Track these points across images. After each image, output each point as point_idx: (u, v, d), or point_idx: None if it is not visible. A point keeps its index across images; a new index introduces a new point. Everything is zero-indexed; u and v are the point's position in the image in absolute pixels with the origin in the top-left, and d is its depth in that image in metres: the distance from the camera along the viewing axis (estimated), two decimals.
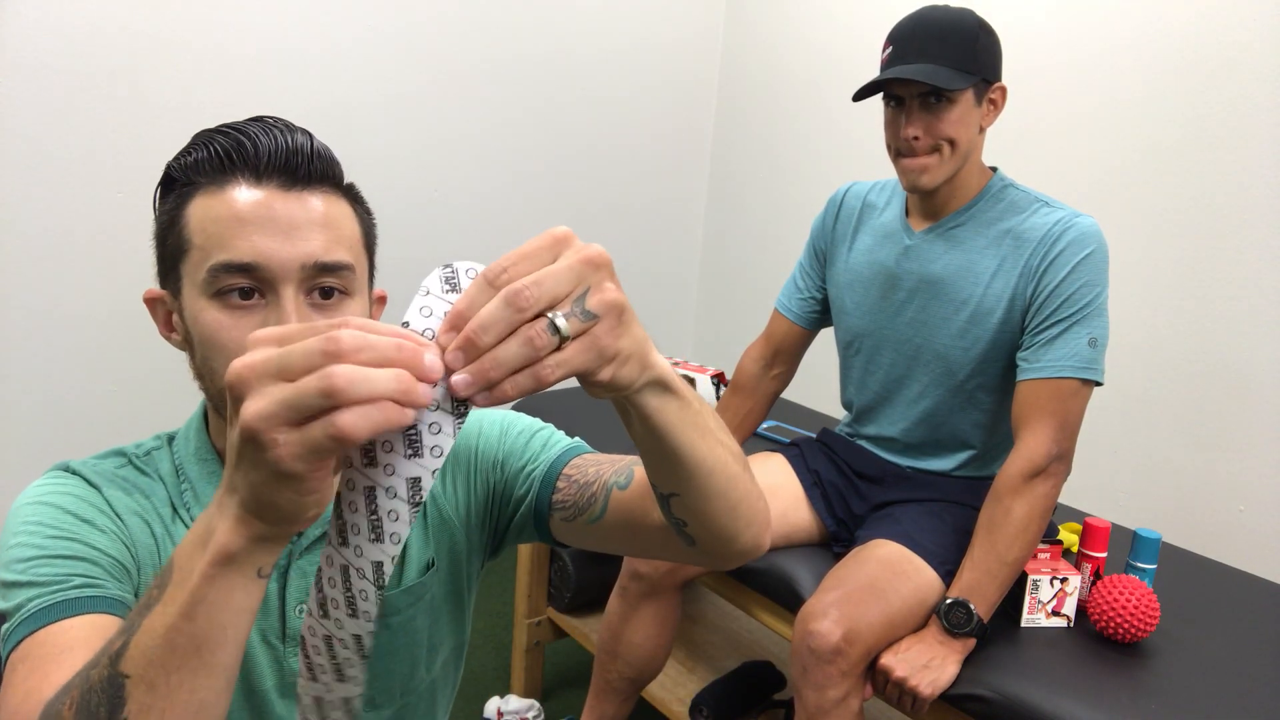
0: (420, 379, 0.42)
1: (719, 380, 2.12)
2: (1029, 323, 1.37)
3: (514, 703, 2.01)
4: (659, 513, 0.67)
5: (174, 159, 0.69)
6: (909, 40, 1.33)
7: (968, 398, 1.45)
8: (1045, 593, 1.32)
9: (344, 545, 0.47)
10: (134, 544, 0.69)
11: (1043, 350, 1.34)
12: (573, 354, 0.45)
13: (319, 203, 0.67)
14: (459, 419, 0.45)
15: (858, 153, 2.66)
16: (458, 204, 2.69)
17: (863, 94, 1.38)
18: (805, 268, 1.67)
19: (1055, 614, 1.33)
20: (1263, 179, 1.82)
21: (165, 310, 0.72)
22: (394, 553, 0.47)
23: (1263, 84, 1.81)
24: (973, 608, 1.24)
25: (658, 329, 3.10)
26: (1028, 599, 1.32)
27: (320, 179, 0.68)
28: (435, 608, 0.81)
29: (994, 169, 1.46)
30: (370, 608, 0.49)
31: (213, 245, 0.64)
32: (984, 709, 1.21)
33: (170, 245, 0.68)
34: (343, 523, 0.47)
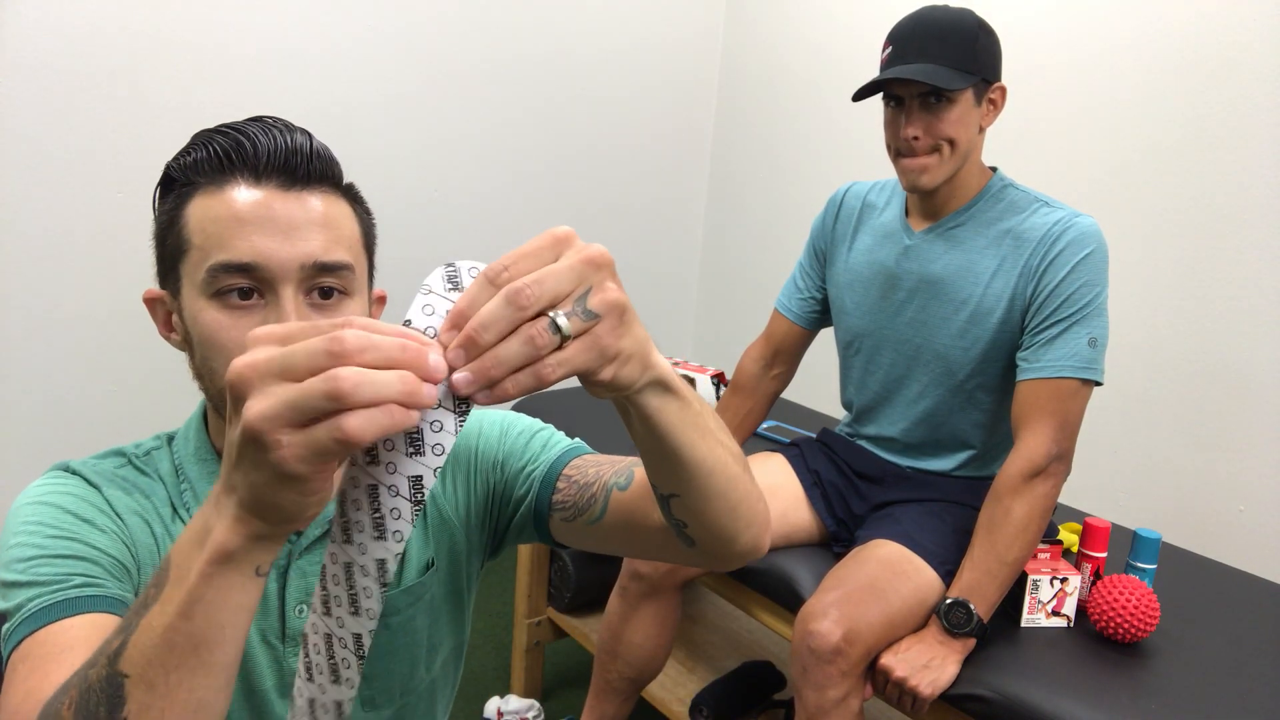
0: (424, 379, 0.42)
1: (719, 380, 2.12)
2: (1029, 323, 1.37)
3: (514, 703, 2.01)
4: (659, 514, 0.67)
5: (173, 159, 0.69)
6: (909, 40, 1.33)
7: (967, 398, 1.45)
8: (1045, 593, 1.32)
9: (348, 543, 0.47)
10: (134, 544, 0.69)
11: (1042, 350, 1.34)
12: (574, 353, 0.44)
13: (318, 203, 0.67)
14: (461, 417, 0.45)
15: (858, 153, 2.66)
16: (458, 204, 2.69)
17: (862, 94, 1.38)
18: (805, 268, 1.67)
19: (1055, 614, 1.33)
20: (1263, 179, 1.82)
21: (165, 310, 0.72)
22: (397, 550, 0.47)
23: (1263, 84, 1.81)
24: (973, 608, 1.24)
25: (658, 329, 3.09)
26: (1028, 599, 1.32)
27: (319, 179, 0.68)
28: (435, 608, 0.81)
29: (994, 169, 1.46)
30: (374, 605, 0.49)
31: (212, 245, 0.64)
32: (984, 709, 1.21)
33: (169, 245, 0.68)
34: (346, 520, 0.47)
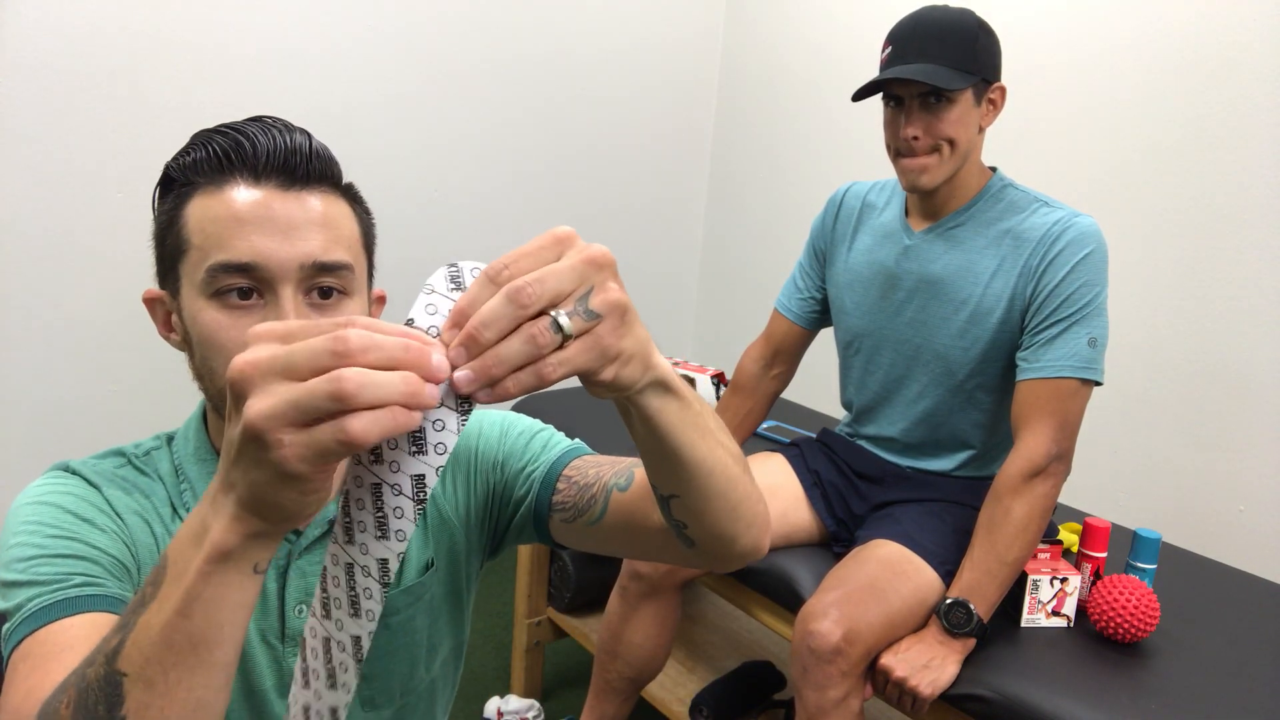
0: (427, 379, 0.41)
1: (719, 380, 2.12)
2: (1028, 322, 1.37)
3: (514, 703, 2.01)
4: (659, 515, 0.67)
5: (173, 159, 0.68)
6: (908, 40, 1.33)
7: (967, 398, 1.45)
8: (1045, 593, 1.32)
9: (350, 543, 0.47)
10: (134, 543, 0.69)
11: (1042, 350, 1.34)
12: (575, 353, 0.44)
13: (318, 202, 0.67)
14: (463, 416, 0.45)
15: (858, 153, 2.66)
16: (458, 204, 2.69)
17: (862, 94, 1.38)
18: (805, 268, 1.67)
19: (1055, 614, 1.33)
20: (1263, 179, 1.82)
21: (164, 310, 0.72)
22: (399, 550, 0.46)
23: (1263, 84, 1.81)
24: (973, 608, 1.24)
25: (658, 329, 3.08)
26: (1028, 599, 1.32)
27: (319, 179, 0.67)
28: (434, 608, 0.81)
29: (994, 169, 1.46)
30: (374, 606, 0.48)
31: (211, 245, 0.64)
32: (984, 709, 1.20)
33: (169, 245, 0.68)
34: (349, 520, 0.47)
